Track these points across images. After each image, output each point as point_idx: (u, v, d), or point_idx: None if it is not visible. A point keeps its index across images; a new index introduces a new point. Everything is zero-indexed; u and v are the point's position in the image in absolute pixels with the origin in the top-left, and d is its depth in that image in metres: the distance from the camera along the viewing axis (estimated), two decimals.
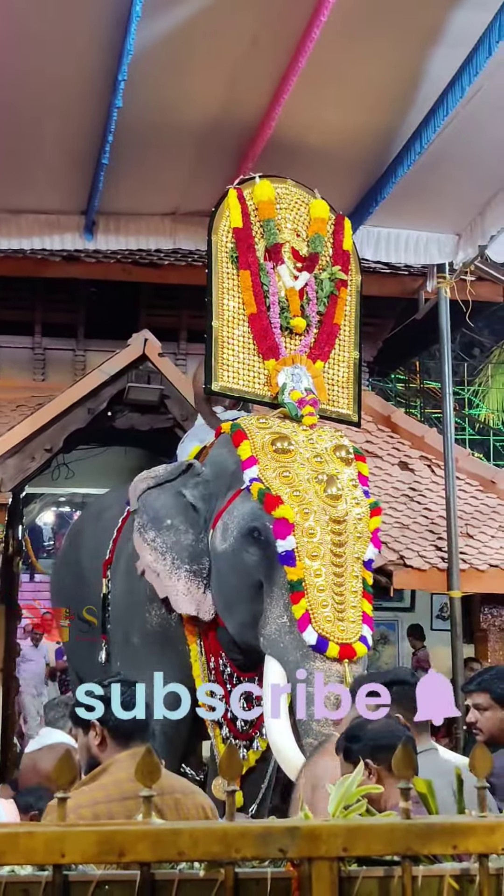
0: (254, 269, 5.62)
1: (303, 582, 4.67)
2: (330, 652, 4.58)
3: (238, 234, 5.63)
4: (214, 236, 5.61)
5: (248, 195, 5.75)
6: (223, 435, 5.31)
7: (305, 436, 5.16)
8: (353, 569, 4.80)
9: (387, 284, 9.96)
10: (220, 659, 5.33)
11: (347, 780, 2.16)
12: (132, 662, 5.53)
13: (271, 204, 5.75)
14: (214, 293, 5.55)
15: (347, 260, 6.00)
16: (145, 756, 1.85)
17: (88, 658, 6.08)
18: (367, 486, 5.26)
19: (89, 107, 6.02)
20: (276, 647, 4.73)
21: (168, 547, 5.24)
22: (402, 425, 9.94)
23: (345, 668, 4.57)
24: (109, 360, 8.88)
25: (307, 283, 5.79)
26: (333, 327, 5.86)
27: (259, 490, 4.86)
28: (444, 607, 10.16)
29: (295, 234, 5.86)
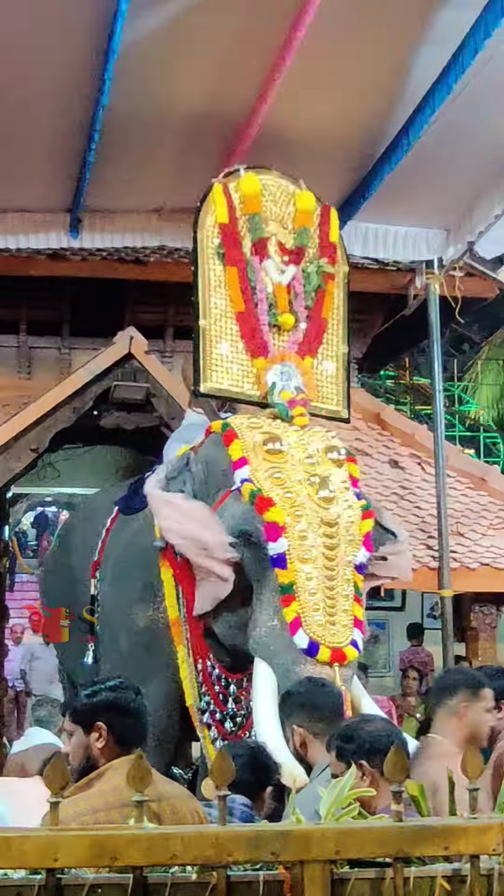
0: (241, 266, 5.64)
1: (294, 585, 4.69)
2: (321, 656, 4.61)
3: (224, 229, 5.65)
4: (200, 232, 5.63)
5: (234, 189, 5.77)
6: (213, 434, 5.32)
7: (297, 436, 5.18)
8: (344, 572, 4.83)
9: (375, 280, 9.96)
10: (207, 661, 5.35)
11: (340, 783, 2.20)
12: (120, 664, 5.55)
13: (257, 197, 5.76)
14: (201, 291, 5.56)
15: (334, 251, 6.02)
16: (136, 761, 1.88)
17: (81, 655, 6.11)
18: (359, 489, 5.28)
19: (74, 104, 6.03)
20: (266, 651, 4.76)
21: None
22: (392, 422, 9.96)
23: (335, 672, 4.59)
24: (95, 358, 8.88)
25: (294, 276, 5.81)
26: (322, 322, 5.88)
27: (250, 491, 4.88)
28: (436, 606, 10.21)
29: (281, 226, 5.87)
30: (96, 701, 3.15)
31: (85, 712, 3.15)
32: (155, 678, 5.47)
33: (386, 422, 9.94)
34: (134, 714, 3.13)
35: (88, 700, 3.17)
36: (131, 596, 5.57)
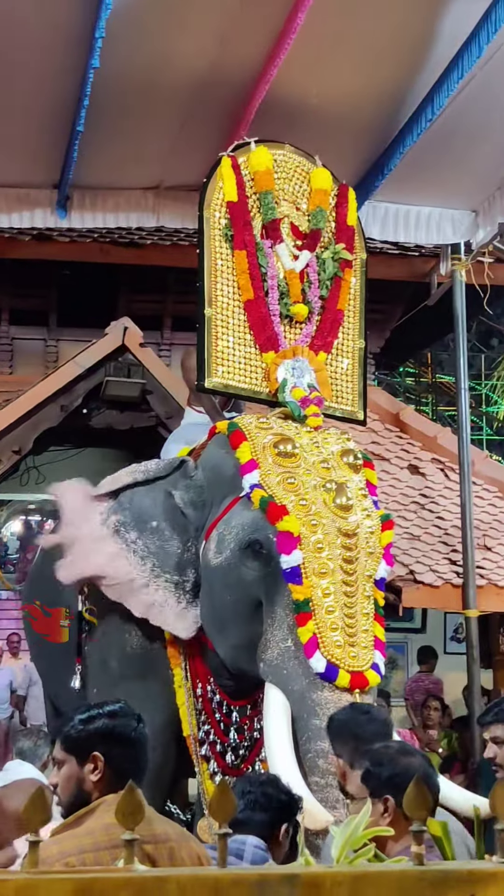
0: (250, 250, 5.63)
1: (310, 602, 4.67)
2: (340, 681, 4.58)
3: (233, 209, 5.64)
4: (206, 211, 5.62)
5: (244, 164, 5.76)
6: (218, 435, 5.30)
7: (310, 438, 5.17)
8: (364, 588, 4.81)
9: (395, 267, 9.97)
10: (207, 685, 5.33)
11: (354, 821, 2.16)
12: (110, 689, 5.52)
13: (269, 174, 5.75)
14: (207, 277, 5.55)
15: (352, 237, 6.01)
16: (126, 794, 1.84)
17: (66, 682, 6.07)
18: (377, 496, 5.27)
19: (62, 67, 6.02)
20: (279, 675, 4.74)
21: (150, 552, 5.25)
22: (413, 424, 9.96)
23: (356, 699, 4.55)
24: (85, 350, 8.89)
25: (308, 263, 5.80)
26: (337, 314, 5.87)
27: (261, 498, 4.86)
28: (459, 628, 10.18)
29: (294, 207, 5.86)
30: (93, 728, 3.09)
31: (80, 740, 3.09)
32: (149, 705, 5.42)
33: (405, 423, 9.95)
34: (135, 745, 3.07)
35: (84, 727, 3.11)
36: (124, 612, 5.54)
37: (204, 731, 5.39)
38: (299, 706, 4.62)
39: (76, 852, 2.81)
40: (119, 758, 3.02)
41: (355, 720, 3.89)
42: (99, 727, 3.07)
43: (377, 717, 3.95)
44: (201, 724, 5.39)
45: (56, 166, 7.07)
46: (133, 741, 3.06)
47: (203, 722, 5.39)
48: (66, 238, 9.38)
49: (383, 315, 10.75)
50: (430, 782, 3.10)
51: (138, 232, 9.35)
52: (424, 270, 9.93)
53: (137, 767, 3.02)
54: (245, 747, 5.41)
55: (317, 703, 4.57)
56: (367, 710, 4.06)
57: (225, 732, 5.37)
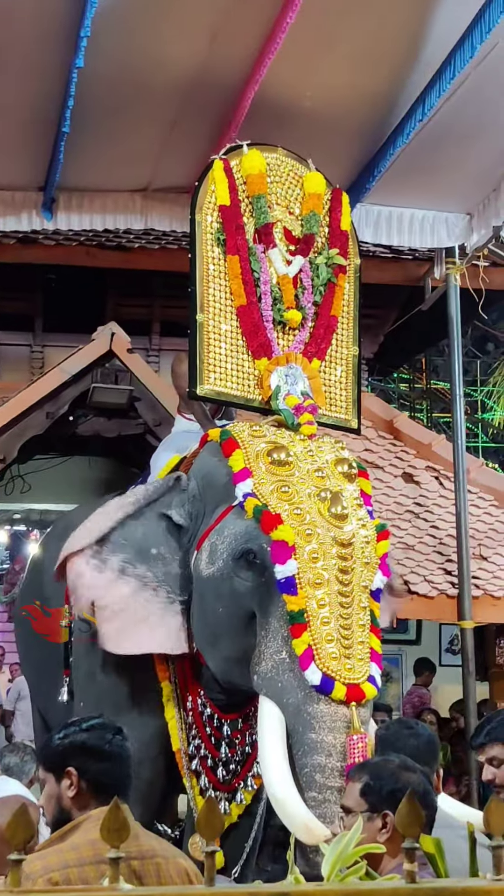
0: (243, 254, 5.64)
1: (305, 613, 4.67)
2: (336, 693, 4.58)
3: (225, 212, 5.65)
4: (198, 215, 5.62)
5: (236, 167, 5.77)
6: (210, 443, 5.30)
7: (304, 447, 5.17)
8: (360, 599, 4.81)
9: (388, 271, 9.99)
10: (197, 698, 5.33)
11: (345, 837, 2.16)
12: (96, 702, 5.52)
13: (262, 177, 5.77)
14: (199, 282, 5.56)
15: (346, 242, 6.03)
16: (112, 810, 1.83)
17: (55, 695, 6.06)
18: (371, 506, 5.27)
19: (47, 66, 6.02)
20: (273, 687, 4.73)
21: (160, 579, 5.19)
22: (406, 431, 9.97)
23: (352, 712, 4.57)
24: (71, 356, 8.88)
25: (301, 268, 5.82)
26: (331, 320, 5.88)
27: (255, 507, 4.85)
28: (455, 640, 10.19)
29: (287, 211, 5.88)
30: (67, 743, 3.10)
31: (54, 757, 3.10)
32: (138, 719, 5.44)
33: (399, 430, 9.95)
34: (111, 757, 3.07)
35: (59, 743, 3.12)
36: None
37: (194, 746, 5.38)
38: (294, 719, 4.61)
39: (60, 867, 2.81)
40: (95, 771, 3.03)
41: (398, 735, 3.90)
42: (72, 742, 3.08)
43: (421, 732, 3.95)
44: (191, 738, 5.38)
45: (41, 168, 7.08)
46: (108, 754, 3.07)
47: (193, 736, 5.38)
48: (51, 241, 9.38)
49: (376, 320, 10.77)
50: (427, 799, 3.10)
51: (126, 235, 9.35)
52: (418, 274, 9.95)
53: (118, 781, 3.02)
54: (236, 762, 5.41)
55: (312, 717, 4.56)
56: (412, 725, 4.08)
57: (216, 747, 5.37)
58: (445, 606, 8.24)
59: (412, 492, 9.38)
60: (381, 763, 3.29)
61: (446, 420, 14.77)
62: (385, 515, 8.49)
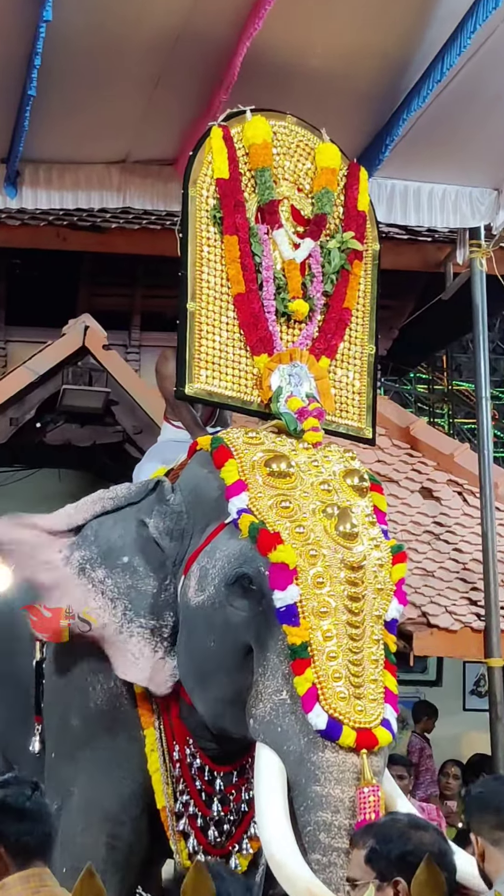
0: (242, 235, 5.66)
1: (308, 646, 4.67)
2: (344, 739, 4.57)
3: (223, 187, 5.68)
4: (192, 189, 5.65)
5: (237, 136, 5.79)
6: (200, 452, 5.31)
7: (308, 456, 5.18)
8: (372, 630, 4.82)
9: (403, 254, 10.00)
10: (186, 748, 5.32)
11: None
12: (70, 752, 5.53)
13: (267, 148, 5.79)
14: (191, 266, 5.58)
15: (363, 224, 6.05)
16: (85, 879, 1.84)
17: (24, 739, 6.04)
18: (386, 525, 5.29)
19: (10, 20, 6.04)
20: (272, 733, 4.73)
21: (121, 592, 5.24)
22: (425, 440, 9.97)
23: (363, 761, 4.56)
24: (38, 354, 8.89)
25: (310, 253, 5.84)
26: (343, 313, 5.90)
27: (251, 524, 4.86)
28: (481, 680, 10.18)
29: (296, 188, 5.90)
30: None
31: None
32: (117, 772, 5.45)
33: (417, 439, 9.96)
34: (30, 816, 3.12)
35: None
36: (87, 660, 5.54)
37: (182, 803, 5.37)
38: (297, 770, 4.61)
39: None
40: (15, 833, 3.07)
41: (498, 792, 3.91)
42: None
43: None
44: (179, 793, 5.38)
45: (3, 137, 7.11)
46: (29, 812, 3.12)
47: (181, 791, 5.37)
48: (16, 221, 9.37)
49: (390, 311, 10.77)
50: (445, 861, 3.12)
51: (101, 213, 9.34)
52: (438, 259, 9.97)
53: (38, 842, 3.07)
54: (231, 821, 5.41)
55: (317, 766, 4.56)
56: None
57: (207, 804, 5.37)
58: (470, 642, 8.24)
59: (432, 509, 9.39)
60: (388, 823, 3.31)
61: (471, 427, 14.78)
62: (400, 536, 8.51)
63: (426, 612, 8.23)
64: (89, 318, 8.94)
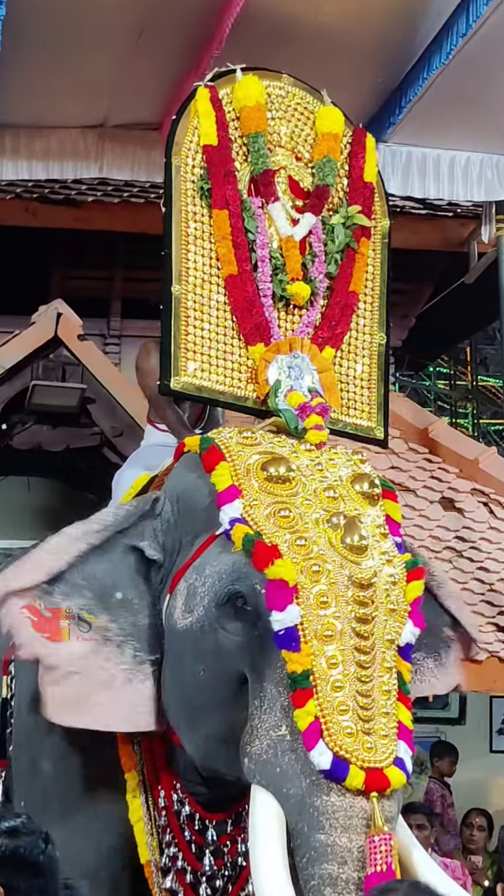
0: (234, 209, 5.67)
1: (311, 675, 4.63)
2: (351, 780, 4.54)
3: (211, 154, 5.68)
4: (176, 158, 5.65)
5: (226, 97, 5.80)
6: (188, 455, 5.30)
7: (310, 458, 5.18)
8: (384, 657, 4.79)
9: (420, 232, 10.05)
10: (173, 793, 5.32)
11: None
12: (40, 800, 5.53)
13: (260, 111, 5.80)
14: (175, 244, 5.59)
15: (370, 197, 6.07)
16: None
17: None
18: (400, 537, 5.28)
19: None
20: (270, 774, 4.70)
21: (127, 633, 5.18)
22: (446, 443, 9.99)
23: (373, 806, 4.53)
24: (4, 345, 8.90)
25: (311, 230, 5.85)
26: (349, 297, 5.91)
27: (245, 536, 4.84)
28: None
29: (293, 156, 5.92)
30: None
31: None
32: (95, 823, 5.46)
33: (437, 442, 9.98)
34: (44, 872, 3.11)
35: None
36: None
37: (169, 856, 5.36)
38: (297, 816, 4.57)
39: None
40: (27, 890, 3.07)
41: None
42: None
43: None
44: (165, 846, 5.37)
45: None
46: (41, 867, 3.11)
47: (167, 843, 5.37)
48: None
49: (406, 297, 10.83)
50: None
51: (76, 185, 9.39)
52: (461, 237, 10.02)
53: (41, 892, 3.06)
54: (225, 877, 5.40)
55: (321, 812, 4.53)
56: None
57: (198, 857, 5.36)
58: (498, 674, 8.27)
59: (453, 522, 9.41)
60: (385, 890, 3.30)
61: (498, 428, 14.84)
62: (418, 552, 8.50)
63: None
64: (62, 304, 8.95)
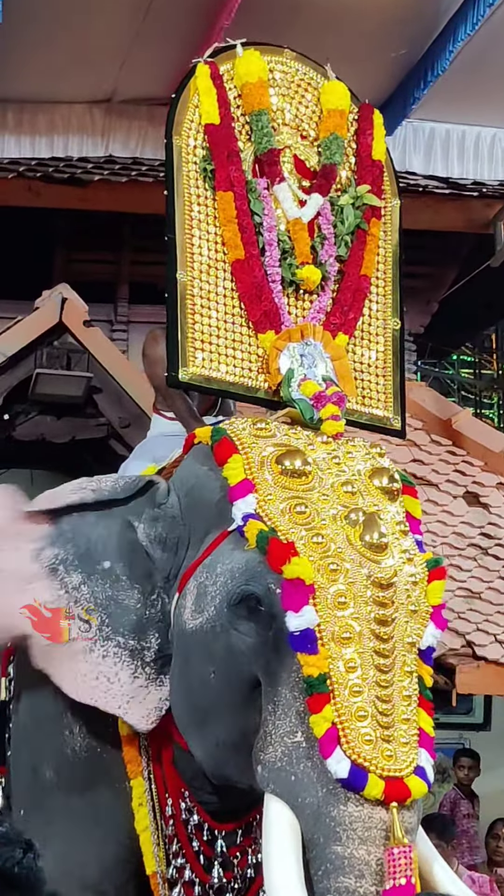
0: (239, 191, 5.66)
1: (328, 679, 4.63)
2: (370, 790, 4.53)
3: (213, 134, 5.67)
4: (177, 138, 5.64)
5: (227, 74, 5.79)
6: (199, 446, 5.30)
7: (327, 451, 5.17)
8: (404, 660, 4.79)
9: (444, 213, 10.03)
10: (181, 801, 5.32)
11: None
12: (43, 808, 5.54)
13: (263, 87, 5.79)
14: (179, 228, 5.57)
15: (379, 175, 6.05)
16: None
17: None
18: (421, 534, 5.27)
19: None
20: (285, 782, 4.70)
21: (98, 603, 5.22)
22: (470, 435, 9.98)
23: (392, 816, 4.53)
24: (6, 331, 8.90)
25: (319, 211, 5.83)
26: (361, 281, 5.90)
27: (259, 533, 4.83)
28: None
29: (299, 134, 5.91)
30: None
31: None
32: (98, 832, 5.46)
33: (461, 433, 9.97)
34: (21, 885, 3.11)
35: None
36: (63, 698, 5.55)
37: (176, 868, 5.36)
38: (313, 826, 4.57)
39: None
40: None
41: None
42: None
43: None
44: (172, 856, 5.36)
45: None
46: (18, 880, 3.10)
47: (175, 854, 5.36)
48: None
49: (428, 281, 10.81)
50: None
51: (81, 164, 9.39)
52: (486, 217, 9.99)
53: None
54: (235, 890, 5.40)
55: (338, 823, 4.53)
56: None
57: (206, 869, 5.36)
58: None
59: (478, 518, 9.40)
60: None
61: None
62: (441, 550, 8.51)
63: (471, 641, 8.25)
64: (67, 288, 8.95)
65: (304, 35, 6.01)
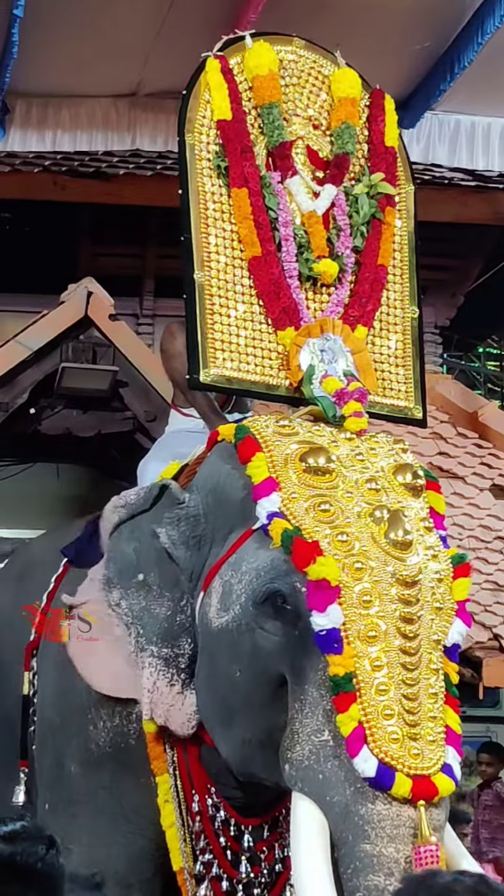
0: (253, 187, 5.63)
1: (354, 678, 4.62)
2: (398, 788, 4.53)
3: (226, 130, 5.65)
4: (189, 135, 5.62)
5: (237, 67, 5.76)
6: (222, 444, 5.29)
7: (350, 448, 5.15)
8: (430, 658, 4.78)
9: (470, 205, 9.99)
10: (207, 797, 5.32)
11: None
12: (65, 803, 5.55)
13: (273, 79, 5.76)
14: (195, 228, 5.56)
15: (393, 162, 6.02)
16: None
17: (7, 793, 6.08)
18: (445, 530, 5.26)
19: None
20: (312, 781, 4.69)
21: (134, 616, 5.26)
22: (497, 427, 9.95)
23: (420, 815, 4.53)
24: (32, 326, 8.90)
25: (334, 202, 5.81)
26: (378, 271, 5.87)
27: (284, 532, 4.82)
28: None
29: (310, 125, 5.88)
30: None
31: None
32: (124, 827, 5.46)
33: (487, 426, 9.95)
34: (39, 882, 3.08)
35: None
36: (87, 694, 5.55)
37: (203, 863, 5.37)
38: (342, 825, 4.57)
39: None
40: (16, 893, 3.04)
41: None
42: None
43: None
44: (199, 852, 5.37)
45: None
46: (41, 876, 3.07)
47: (202, 850, 5.37)
48: (4, 167, 9.42)
49: (454, 274, 10.78)
50: None
51: (107, 158, 9.38)
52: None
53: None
54: (262, 885, 5.39)
55: (366, 821, 4.52)
56: None
57: (233, 864, 5.36)
58: None
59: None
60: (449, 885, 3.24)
61: None
62: (467, 544, 8.50)
63: (498, 634, 8.23)
64: (92, 282, 8.95)
65: (329, 28, 5.98)
